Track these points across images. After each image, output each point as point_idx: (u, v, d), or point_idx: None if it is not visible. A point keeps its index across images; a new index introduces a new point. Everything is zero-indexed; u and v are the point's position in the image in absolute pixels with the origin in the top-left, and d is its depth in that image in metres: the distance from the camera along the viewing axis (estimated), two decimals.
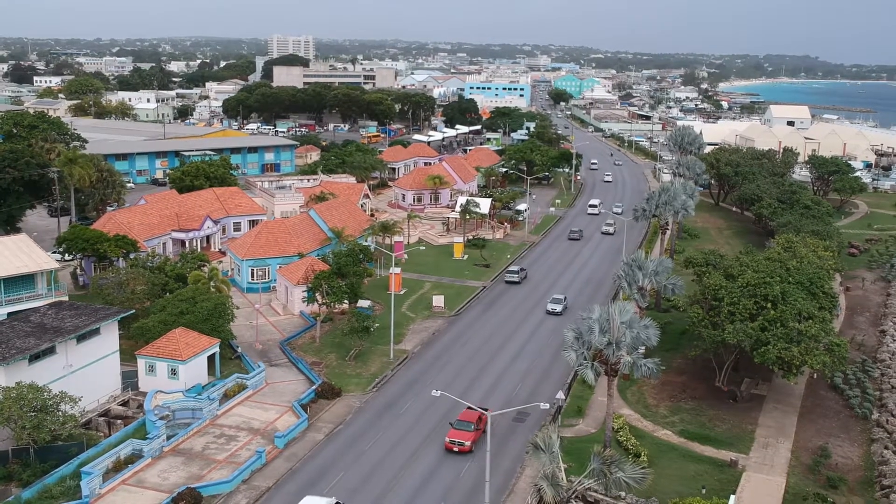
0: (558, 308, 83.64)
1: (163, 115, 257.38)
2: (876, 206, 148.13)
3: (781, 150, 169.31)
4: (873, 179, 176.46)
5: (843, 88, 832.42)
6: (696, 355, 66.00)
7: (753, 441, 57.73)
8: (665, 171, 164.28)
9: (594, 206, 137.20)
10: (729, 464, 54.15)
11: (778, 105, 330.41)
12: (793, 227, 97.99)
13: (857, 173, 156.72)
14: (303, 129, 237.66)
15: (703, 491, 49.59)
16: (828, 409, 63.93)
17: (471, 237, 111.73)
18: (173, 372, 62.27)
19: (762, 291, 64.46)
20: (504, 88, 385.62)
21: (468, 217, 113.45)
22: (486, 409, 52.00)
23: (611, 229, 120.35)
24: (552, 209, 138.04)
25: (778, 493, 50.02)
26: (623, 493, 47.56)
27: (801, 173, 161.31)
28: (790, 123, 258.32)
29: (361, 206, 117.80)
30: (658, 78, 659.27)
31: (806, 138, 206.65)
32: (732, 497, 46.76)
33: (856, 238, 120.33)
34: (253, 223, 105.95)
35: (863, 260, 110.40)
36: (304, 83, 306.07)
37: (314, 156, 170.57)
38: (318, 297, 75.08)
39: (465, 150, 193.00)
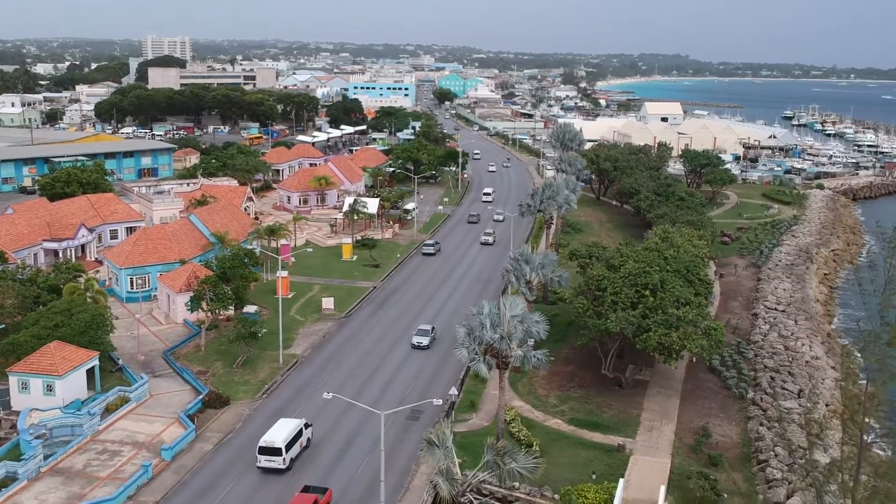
0: (425, 341, 73.00)
1: (29, 119, 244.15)
2: (745, 196, 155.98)
3: (656, 145, 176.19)
4: (742, 171, 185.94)
5: (712, 85, 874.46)
6: (583, 345, 67.70)
7: (639, 425, 59.69)
8: (548, 167, 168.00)
9: (488, 193, 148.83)
10: (617, 448, 55.79)
11: (652, 102, 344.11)
12: (669, 219, 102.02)
13: (727, 166, 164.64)
14: (181, 132, 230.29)
15: (594, 476, 50.88)
16: (707, 390, 66.80)
17: (359, 238, 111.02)
18: (49, 388, 59.11)
19: (642, 280, 66.74)
20: (389, 88, 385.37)
21: (356, 217, 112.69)
22: (325, 489, 48.48)
23: (490, 239, 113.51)
24: (440, 207, 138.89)
25: (663, 474, 51.85)
26: (517, 484, 48.30)
27: (675, 167, 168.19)
28: (664, 119, 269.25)
29: (245, 209, 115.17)
30: (539, 77, 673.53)
31: (679, 133, 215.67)
32: (621, 481, 48.18)
33: (728, 227, 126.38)
34: (130, 230, 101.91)
35: (734, 248, 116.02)
36: (182, 85, 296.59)
37: (193, 159, 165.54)
38: (203, 304, 72.89)
39: (351, 151, 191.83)
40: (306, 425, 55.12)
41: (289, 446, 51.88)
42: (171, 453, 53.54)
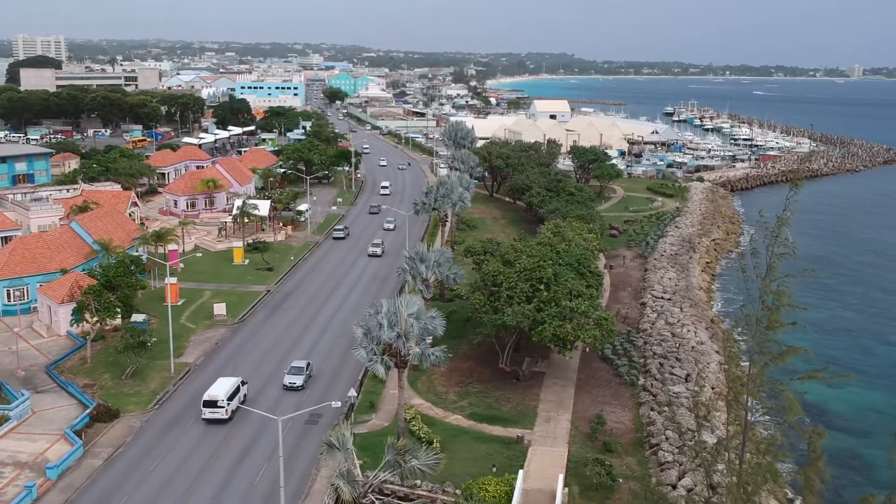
0: (298, 381, 64.40)
1: None
2: (631, 190, 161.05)
3: (546, 142, 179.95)
4: (627, 166, 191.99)
5: (597, 83, 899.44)
6: (481, 340, 68.36)
7: (537, 416, 60.77)
8: (442, 165, 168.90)
9: (385, 187, 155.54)
10: (516, 440, 56.61)
11: (541, 100, 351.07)
12: (560, 213, 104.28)
13: (614, 161, 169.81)
14: (58, 136, 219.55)
15: (494, 469, 51.48)
16: (600, 379, 68.65)
17: (251, 241, 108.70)
18: None
19: (536, 275, 68.01)
20: (277, 88, 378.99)
21: (247, 220, 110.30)
22: None
23: (378, 250, 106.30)
24: (334, 208, 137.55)
25: (561, 463, 52.98)
26: (419, 482, 48.36)
27: (564, 163, 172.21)
28: (552, 117, 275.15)
29: (130, 214, 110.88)
30: (430, 76, 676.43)
31: (567, 130, 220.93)
32: (521, 472, 48.92)
33: (615, 220, 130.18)
34: (6, 240, 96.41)
35: (622, 240, 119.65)
36: (58, 86, 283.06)
37: (73, 164, 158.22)
38: (87, 314, 69.78)
39: (240, 152, 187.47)
40: (243, 382, 62.24)
41: (229, 399, 58.87)
42: (57, 472, 51.02)
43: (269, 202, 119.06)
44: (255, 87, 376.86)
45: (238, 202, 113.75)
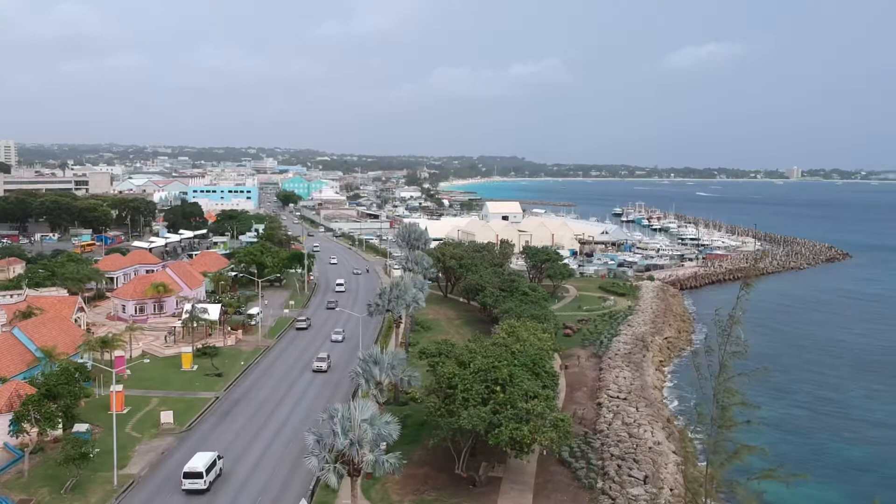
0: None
1: None
2: (583, 289, 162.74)
3: (499, 243, 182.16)
4: (579, 265, 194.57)
5: (547, 185, 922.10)
6: (436, 444, 66.95)
7: None
8: (395, 266, 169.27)
9: (340, 284, 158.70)
10: None
11: (493, 202, 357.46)
12: (514, 313, 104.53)
13: (566, 260, 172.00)
14: (5, 241, 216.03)
15: None
16: (558, 482, 67.39)
17: (200, 346, 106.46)
18: None
19: (492, 376, 67.43)
20: (230, 191, 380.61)
21: (196, 325, 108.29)
22: None
23: (323, 365, 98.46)
24: (286, 311, 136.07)
25: None
26: None
27: (517, 263, 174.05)
28: (505, 218, 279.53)
29: (75, 320, 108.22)
30: (383, 178, 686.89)
31: (519, 231, 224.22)
32: None
33: (569, 319, 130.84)
34: None
35: (577, 339, 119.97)
36: (6, 191, 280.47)
37: (18, 268, 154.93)
38: (26, 425, 66.92)
39: (191, 256, 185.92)
40: (219, 457, 66.68)
41: (208, 471, 63.71)
42: None
43: (219, 306, 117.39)
44: (208, 191, 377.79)
45: (187, 306, 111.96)
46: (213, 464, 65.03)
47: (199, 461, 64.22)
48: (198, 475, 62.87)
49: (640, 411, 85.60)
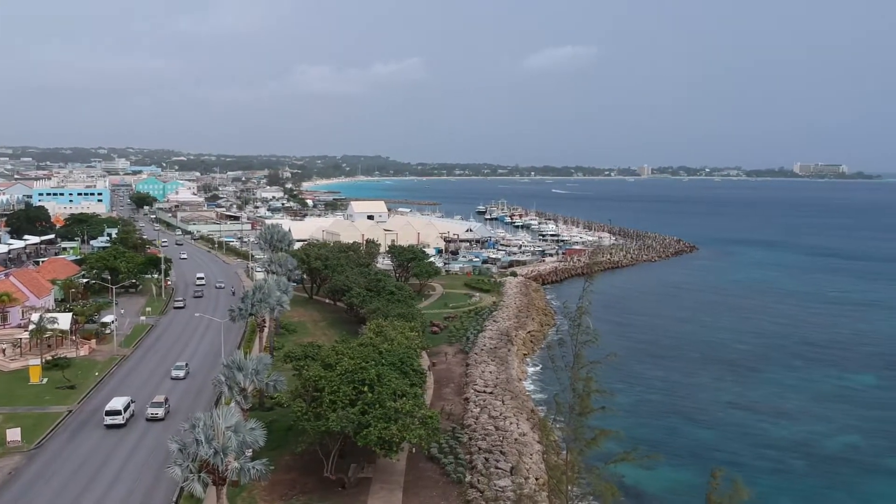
0: None
1: None
2: (450, 286, 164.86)
3: (365, 242, 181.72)
4: (445, 263, 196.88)
5: (412, 184, 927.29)
6: (304, 449, 66.18)
7: None
8: (258, 269, 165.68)
9: (201, 278, 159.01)
10: None
11: (358, 201, 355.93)
12: (381, 313, 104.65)
13: (431, 259, 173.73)
14: None
15: None
16: (428, 479, 68.07)
17: (50, 357, 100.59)
18: None
19: (359, 376, 67.27)
20: (80, 194, 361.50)
21: (45, 336, 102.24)
22: None
23: (159, 412, 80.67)
24: (143, 318, 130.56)
25: None
26: None
27: (384, 262, 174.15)
28: (370, 217, 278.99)
29: None
30: (244, 179, 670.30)
31: (385, 230, 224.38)
32: None
33: (436, 317, 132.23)
34: None
35: (444, 336, 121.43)
36: None
37: None
38: None
39: (37, 262, 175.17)
40: (132, 401, 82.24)
41: (125, 409, 79.09)
42: None
43: (70, 315, 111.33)
44: (55, 194, 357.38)
45: (35, 316, 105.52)
46: (129, 405, 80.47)
47: (117, 402, 79.63)
48: (117, 413, 77.41)
49: (506, 404, 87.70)
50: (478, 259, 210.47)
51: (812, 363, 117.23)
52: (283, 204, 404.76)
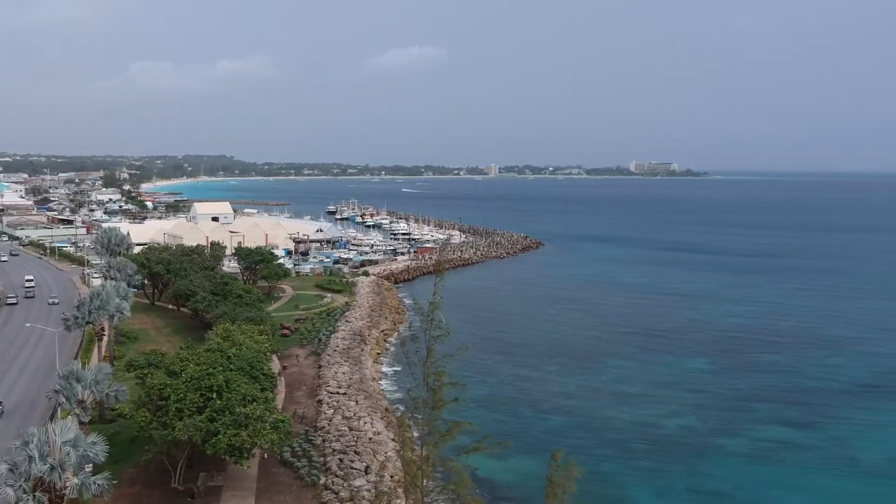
0: None
1: None
2: (300, 288, 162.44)
3: (209, 245, 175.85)
4: (295, 264, 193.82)
5: (259, 184, 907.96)
6: (148, 460, 63.37)
7: None
8: (95, 275, 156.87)
9: (30, 280, 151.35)
10: None
11: (202, 202, 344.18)
12: (229, 317, 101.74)
13: (281, 260, 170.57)
14: None
15: None
16: (281, 483, 66.83)
17: None
18: None
19: (206, 383, 65.11)
20: None
21: None
22: None
23: None
24: None
25: None
26: None
27: (230, 265, 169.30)
28: (215, 219, 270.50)
29: None
30: (77, 181, 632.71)
31: (231, 232, 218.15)
32: None
33: (286, 319, 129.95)
34: None
35: (295, 339, 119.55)
36: None
37: None
38: None
39: None
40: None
41: None
42: None
43: None
44: None
45: None
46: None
47: None
48: None
49: (360, 404, 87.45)
50: (329, 259, 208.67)
51: (650, 351, 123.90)
52: (120, 206, 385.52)
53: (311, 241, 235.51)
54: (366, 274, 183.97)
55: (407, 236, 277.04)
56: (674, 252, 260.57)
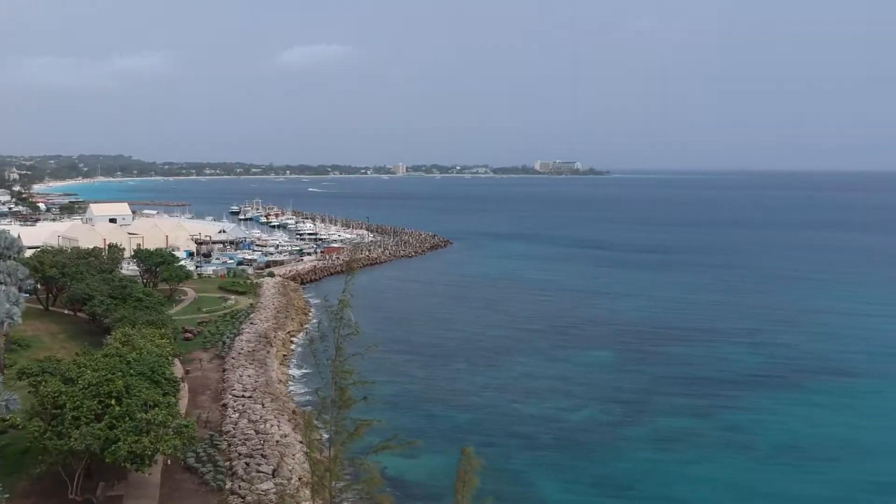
0: None
1: None
2: (203, 290, 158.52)
3: (107, 247, 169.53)
4: (197, 266, 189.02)
5: (158, 185, 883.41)
6: (44, 471, 60.64)
7: None
8: None
9: None
10: None
11: (98, 203, 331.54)
12: (128, 321, 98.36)
13: (182, 262, 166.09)
14: None
15: None
16: (185, 490, 65.09)
17: None
18: None
19: (105, 389, 62.80)
20: None
21: None
22: None
23: None
24: None
25: None
26: None
27: (129, 267, 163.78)
28: (112, 220, 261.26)
29: None
30: None
31: (130, 233, 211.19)
32: None
33: (189, 322, 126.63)
34: None
35: (198, 342, 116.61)
36: None
37: None
38: None
39: None
40: None
41: None
42: None
43: None
44: None
45: None
46: None
47: None
48: None
49: (267, 407, 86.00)
50: (232, 261, 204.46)
51: (556, 346, 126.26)
52: (10, 208, 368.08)
53: (214, 243, 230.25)
54: (271, 275, 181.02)
55: (313, 236, 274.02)
56: (578, 249, 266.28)
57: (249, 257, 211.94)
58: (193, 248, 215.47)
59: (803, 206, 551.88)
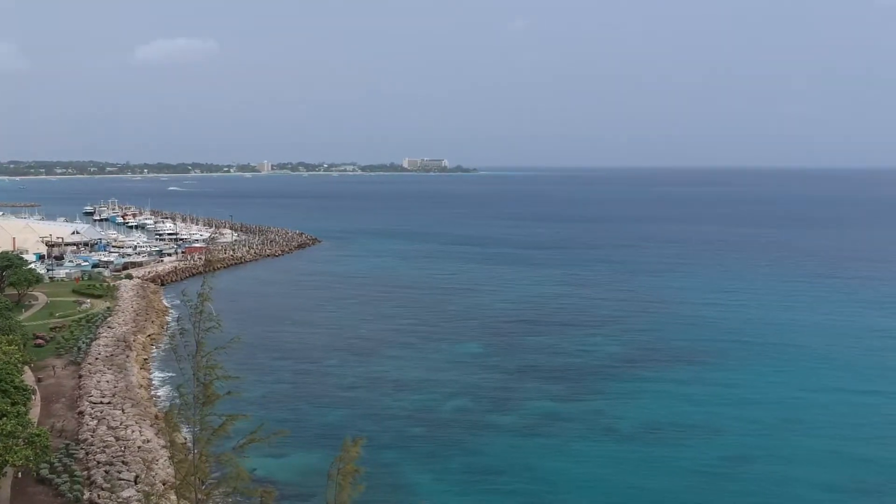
0: None
1: None
2: (55, 294, 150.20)
3: None
4: (48, 269, 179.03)
5: (4, 184, 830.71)
6: None
7: None
8: None
9: None
10: None
11: None
12: None
13: (32, 265, 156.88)
14: None
15: None
16: (39, 502, 61.59)
17: None
18: None
19: None
20: None
21: None
22: None
23: None
24: None
25: None
26: None
27: None
28: None
29: None
30: None
31: None
32: None
33: (40, 329, 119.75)
34: None
35: (51, 349, 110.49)
36: None
37: None
38: None
39: None
40: None
41: None
42: None
43: None
44: None
45: None
46: None
47: None
48: None
49: (127, 412, 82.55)
50: (87, 263, 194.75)
51: (426, 339, 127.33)
52: None
53: (67, 244, 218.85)
54: (129, 277, 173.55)
55: (174, 236, 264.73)
56: (447, 245, 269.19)
57: (106, 259, 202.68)
58: (44, 250, 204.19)
59: (650, 201, 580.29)
